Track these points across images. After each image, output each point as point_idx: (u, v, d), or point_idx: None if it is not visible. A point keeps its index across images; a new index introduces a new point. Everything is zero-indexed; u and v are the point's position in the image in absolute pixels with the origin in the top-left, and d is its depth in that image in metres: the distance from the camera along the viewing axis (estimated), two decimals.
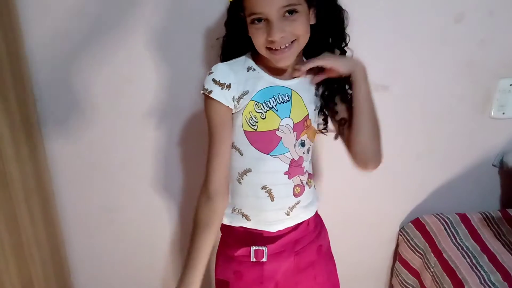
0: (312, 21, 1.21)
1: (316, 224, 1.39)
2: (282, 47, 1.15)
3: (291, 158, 1.25)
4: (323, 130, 1.37)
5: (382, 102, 1.32)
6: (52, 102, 1.53)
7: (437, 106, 1.72)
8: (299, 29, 1.15)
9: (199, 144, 1.27)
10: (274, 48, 1.15)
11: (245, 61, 1.26)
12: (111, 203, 1.71)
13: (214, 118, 1.21)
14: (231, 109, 1.22)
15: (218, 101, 1.19)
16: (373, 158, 1.30)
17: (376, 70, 1.61)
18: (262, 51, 1.18)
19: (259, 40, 1.16)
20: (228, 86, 1.19)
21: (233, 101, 1.21)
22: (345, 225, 1.85)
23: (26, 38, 1.42)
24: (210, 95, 1.18)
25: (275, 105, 1.22)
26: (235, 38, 1.27)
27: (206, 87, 1.19)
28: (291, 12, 1.13)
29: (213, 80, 1.19)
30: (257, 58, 1.26)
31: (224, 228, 1.35)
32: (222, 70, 1.21)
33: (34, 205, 1.52)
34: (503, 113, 1.76)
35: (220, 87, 1.19)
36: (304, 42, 1.19)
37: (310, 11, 1.19)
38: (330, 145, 1.49)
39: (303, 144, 1.27)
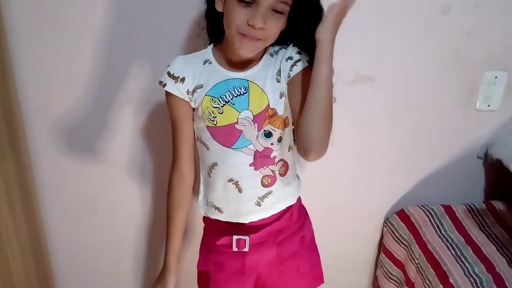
0: (283, 27, 1.18)
1: (299, 215, 1.39)
2: (252, 40, 1.13)
3: (255, 149, 1.23)
4: None
5: (367, 93, 1.32)
6: (33, 93, 1.51)
7: (422, 98, 1.72)
8: (276, 31, 1.15)
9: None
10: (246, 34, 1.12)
11: (205, 53, 1.26)
12: (93, 195, 1.69)
13: (172, 109, 1.25)
14: (187, 102, 1.23)
15: (173, 94, 1.21)
16: (315, 147, 1.16)
17: (361, 62, 1.62)
18: (232, 31, 1.13)
19: (237, 19, 1.11)
20: (182, 80, 1.21)
21: (188, 94, 1.21)
22: (330, 216, 1.85)
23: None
24: (164, 88, 1.22)
25: (231, 99, 1.21)
26: (217, 28, 1.23)
27: (161, 79, 1.23)
28: (279, 11, 1.11)
29: (168, 73, 1.21)
30: (217, 49, 1.25)
31: (206, 219, 1.36)
32: (178, 64, 1.22)
33: (15, 196, 1.50)
34: (488, 105, 1.76)
35: (174, 80, 1.21)
36: (271, 42, 1.18)
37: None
38: None
39: (267, 135, 1.23)
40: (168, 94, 1.23)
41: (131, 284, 1.92)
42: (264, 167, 1.26)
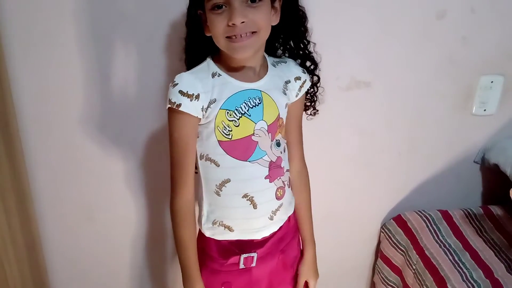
0: (275, 21, 1.18)
1: (295, 219, 1.40)
2: (242, 35, 1.10)
3: (270, 160, 1.23)
4: (312, 112, 1.44)
5: (363, 99, 1.31)
6: (29, 100, 1.49)
7: (418, 103, 1.71)
8: (261, 19, 1.11)
9: None
10: (234, 36, 1.10)
11: (208, 66, 1.21)
12: (89, 203, 1.68)
13: (181, 130, 1.18)
14: (199, 119, 1.17)
15: (188, 114, 1.14)
16: None
17: (357, 66, 1.62)
18: (221, 41, 1.13)
19: (219, 27, 1.10)
20: (197, 97, 1.14)
21: (202, 111, 1.16)
22: (326, 222, 1.84)
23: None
24: (179, 109, 1.13)
25: (247, 110, 1.19)
26: (198, 37, 1.22)
27: (173, 100, 1.13)
28: (254, 0, 1.09)
29: (180, 92, 1.13)
30: (219, 61, 1.22)
31: (206, 241, 1.31)
32: (187, 80, 1.15)
33: (10, 203, 1.48)
34: (484, 110, 1.76)
35: (189, 99, 1.13)
36: (265, 36, 1.16)
37: (274, 7, 1.16)
38: (311, 142, 1.49)
39: (278, 144, 1.25)
40: (179, 114, 1.14)
41: None
42: (278, 178, 1.26)
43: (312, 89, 1.39)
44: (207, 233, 1.29)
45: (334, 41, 1.27)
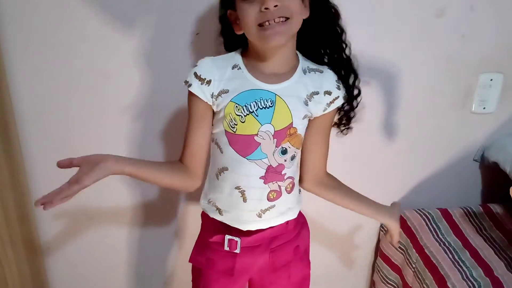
0: (305, 14, 1.17)
1: (296, 224, 1.37)
2: (276, 21, 1.09)
3: (269, 164, 1.22)
4: (345, 129, 1.38)
5: (362, 97, 1.31)
6: (28, 98, 1.49)
7: (417, 101, 1.71)
8: (294, 5, 1.10)
9: (179, 141, 1.25)
10: (266, 22, 1.09)
11: (233, 57, 1.23)
12: (88, 201, 1.68)
13: (193, 110, 1.22)
14: (210, 105, 1.20)
15: (196, 95, 1.18)
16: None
17: (356, 64, 1.61)
18: (253, 30, 1.12)
19: (250, 15, 1.10)
20: (208, 82, 1.17)
21: (212, 97, 1.18)
22: (326, 221, 1.84)
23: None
24: (189, 88, 1.18)
25: (256, 110, 1.18)
26: (231, 33, 1.23)
27: (187, 79, 1.18)
28: None
29: (195, 74, 1.17)
30: (247, 55, 1.22)
31: (204, 215, 1.35)
32: (206, 65, 1.19)
33: (9, 203, 1.48)
34: (484, 108, 1.76)
35: (200, 82, 1.17)
36: (297, 24, 1.14)
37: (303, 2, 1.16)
38: None
39: (284, 152, 1.23)
40: (191, 93, 1.19)
41: None
42: (273, 182, 1.25)
43: (347, 106, 1.32)
44: (201, 206, 1.34)
45: None
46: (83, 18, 1.41)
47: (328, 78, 1.26)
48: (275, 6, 1.07)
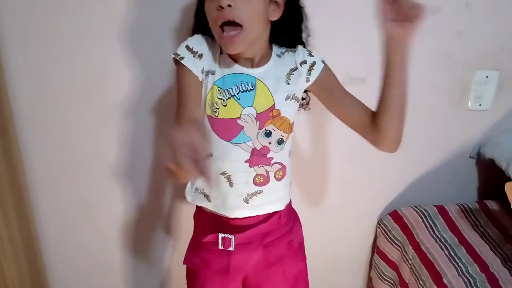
0: (274, 17, 1.19)
1: (288, 219, 1.37)
2: (231, 34, 1.11)
3: (253, 147, 1.23)
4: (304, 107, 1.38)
5: (358, 95, 1.31)
6: (26, 98, 1.50)
7: (413, 98, 1.69)
8: (249, 8, 1.10)
9: None
10: (225, 28, 1.11)
11: (217, 42, 1.22)
12: (86, 200, 1.68)
13: (182, 83, 1.18)
14: (200, 82, 1.19)
15: (188, 69, 1.17)
16: (397, 143, 1.28)
17: (352, 63, 1.61)
18: (216, 32, 1.14)
19: (211, 12, 1.12)
20: (200, 56, 1.18)
21: (202, 73, 1.18)
22: (323, 218, 1.84)
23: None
24: (181, 61, 1.16)
25: (237, 93, 1.20)
26: (204, 30, 1.23)
27: (178, 52, 1.17)
28: None
29: (187, 46, 1.17)
30: None
31: (195, 214, 1.36)
32: (198, 39, 1.20)
33: (7, 200, 1.49)
34: (480, 105, 1.76)
35: (192, 55, 1.17)
36: (253, 30, 1.14)
37: (276, 2, 1.17)
38: (306, 138, 1.49)
39: (267, 134, 1.23)
40: (181, 68, 1.17)
41: None
42: (259, 166, 1.25)
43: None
44: (189, 198, 1.33)
45: (329, 37, 1.26)
46: (81, 18, 1.42)
47: (300, 52, 1.29)
48: (229, 5, 1.08)
